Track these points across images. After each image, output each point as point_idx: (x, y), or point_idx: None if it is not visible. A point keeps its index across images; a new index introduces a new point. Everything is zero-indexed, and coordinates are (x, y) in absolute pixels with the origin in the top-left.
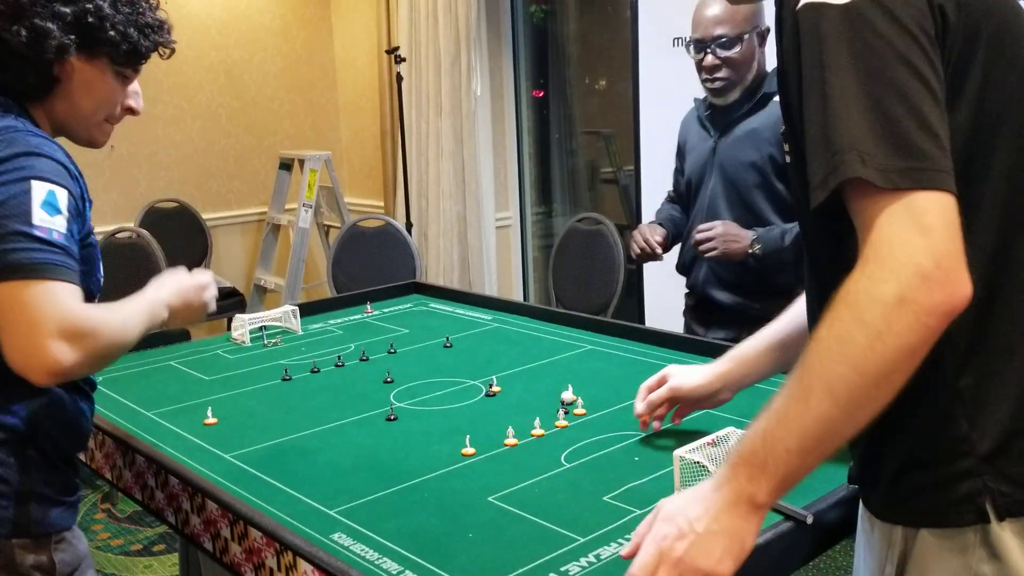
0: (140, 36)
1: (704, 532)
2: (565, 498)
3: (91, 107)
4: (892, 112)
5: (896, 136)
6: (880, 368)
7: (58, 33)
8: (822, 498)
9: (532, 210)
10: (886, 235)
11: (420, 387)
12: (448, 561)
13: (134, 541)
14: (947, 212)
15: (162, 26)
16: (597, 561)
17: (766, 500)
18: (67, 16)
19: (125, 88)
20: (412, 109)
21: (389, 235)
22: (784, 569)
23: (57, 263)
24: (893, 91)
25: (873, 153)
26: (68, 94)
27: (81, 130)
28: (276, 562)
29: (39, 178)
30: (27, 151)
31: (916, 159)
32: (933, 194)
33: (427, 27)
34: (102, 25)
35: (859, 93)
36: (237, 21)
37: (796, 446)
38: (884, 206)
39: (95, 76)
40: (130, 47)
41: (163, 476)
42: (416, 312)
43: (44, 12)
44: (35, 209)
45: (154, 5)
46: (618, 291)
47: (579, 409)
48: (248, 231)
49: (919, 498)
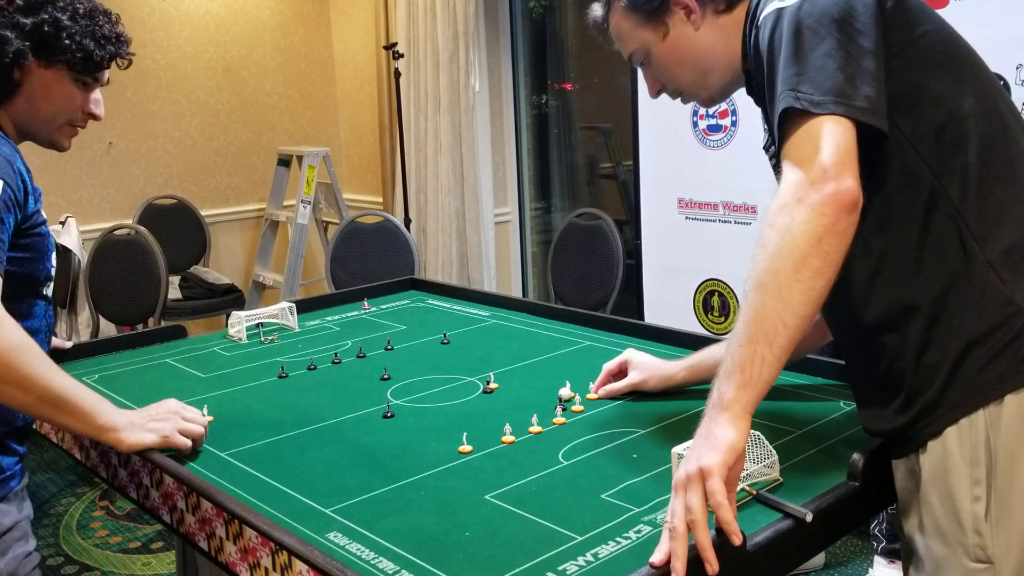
0: (96, 47)
1: (691, 450)
2: (563, 496)
3: (50, 111)
4: (821, 68)
5: (818, 80)
6: (794, 255)
7: (15, 40)
8: (821, 496)
9: (531, 205)
10: (790, 155)
11: (417, 384)
12: (445, 560)
13: (132, 538)
14: (839, 133)
15: (119, 38)
16: (595, 560)
17: (732, 395)
18: (26, 26)
19: (87, 95)
20: (410, 105)
21: (387, 231)
22: (784, 567)
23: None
24: (823, 54)
25: (803, 92)
26: (29, 98)
27: (43, 132)
28: (271, 562)
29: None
30: None
31: (824, 94)
32: (830, 118)
33: (425, 23)
34: (58, 34)
35: (799, 56)
36: (235, 17)
37: (743, 338)
38: (793, 130)
39: (53, 82)
40: (86, 56)
41: (158, 475)
42: (414, 308)
43: (4, 21)
44: None
45: (114, 20)
46: (617, 287)
47: (577, 406)
48: (246, 227)
49: (991, 367)
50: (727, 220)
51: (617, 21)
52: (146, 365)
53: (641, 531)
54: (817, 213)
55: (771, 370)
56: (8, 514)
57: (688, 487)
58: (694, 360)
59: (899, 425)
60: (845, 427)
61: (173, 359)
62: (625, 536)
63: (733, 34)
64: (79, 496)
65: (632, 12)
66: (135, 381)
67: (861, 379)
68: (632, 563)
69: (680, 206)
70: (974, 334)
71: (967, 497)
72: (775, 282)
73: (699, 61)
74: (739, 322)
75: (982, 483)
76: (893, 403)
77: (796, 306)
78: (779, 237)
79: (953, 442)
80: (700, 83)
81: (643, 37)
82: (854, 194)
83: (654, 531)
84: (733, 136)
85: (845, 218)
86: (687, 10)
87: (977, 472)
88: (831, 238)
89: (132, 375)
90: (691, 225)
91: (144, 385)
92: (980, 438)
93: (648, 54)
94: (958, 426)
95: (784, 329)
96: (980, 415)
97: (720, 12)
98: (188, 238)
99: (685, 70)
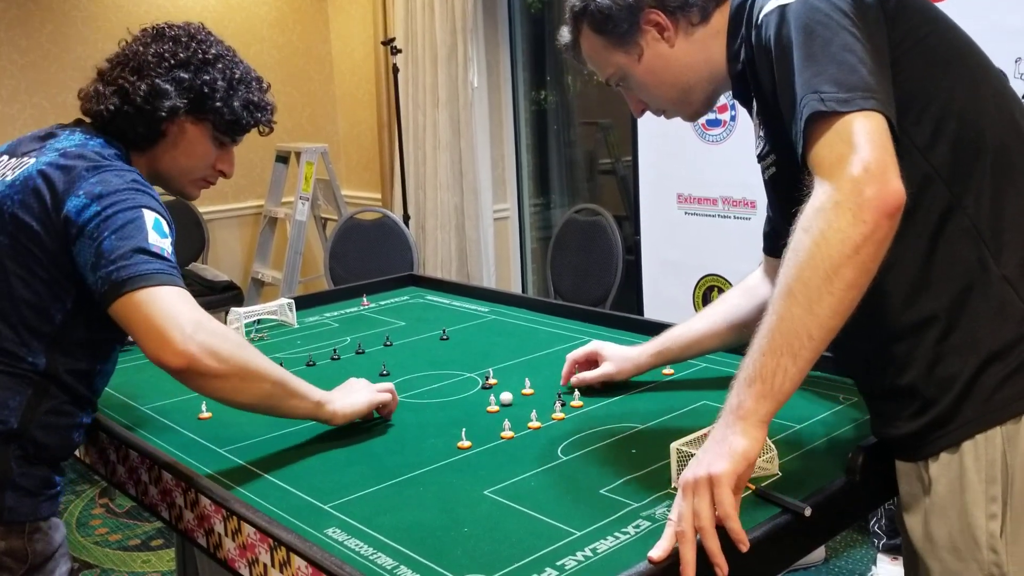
0: (244, 112)
1: (703, 452)
2: (561, 491)
3: (188, 165)
4: (837, 64)
5: (840, 78)
6: (827, 262)
7: (174, 95)
8: (820, 491)
9: (530, 201)
10: (823, 156)
11: (416, 380)
12: (443, 556)
13: (132, 536)
14: (873, 128)
15: (267, 107)
16: (594, 555)
17: (751, 406)
18: (184, 82)
19: (222, 153)
20: (409, 101)
21: (386, 227)
22: (783, 561)
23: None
24: (840, 48)
25: (828, 94)
26: (169, 150)
27: (175, 183)
28: (270, 558)
29: (148, 207)
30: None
31: (850, 91)
32: (860, 114)
33: (423, 18)
34: (213, 95)
35: (815, 55)
36: (233, 13)
37: (767, 347)
38: (821, 132)
39: (196, 138)
40: (234, 119)
41: (157, 472)
42: (413, 304)
43: (165, 74)
44: (149, 231)
45: (264, 87)
46: (616, 282)
47: (576, 401)
48: (245, 224)
49: (1010, 384)
50: (726, 215)
51: (589, 45)
52: (144, 362)
53: (640, 526)
54: (857, 219)
55: (793, 383)
56: (59, 529)
57: (696, 491)
58: (660, 346)
59: (908, 432)
60: (844, 422)
61: None
62: (624, 531)
63: (714, 44)
64: (78, 494)
65: (602, 36)
66: (134, 378)
67: (871, 385)
68: (631, 558)
69: (679, 201)
70: (992, 349)
71: (983, 514)
72: (804, 292)
73: (679, 78)
74: (764, 327)
75: (998, 500)
76: (904, 411)
77: (825, 319)
78: (812, 244)
79: (969, 458)
80: (683, 99)
81: (617, 60)
82: (899, 196)
83: (653, 526)
84: (732, 131)
85: (887, 224)
86: (659, 28)
87: (993, 489)
88: (869, 247)
89: (131, 372)
90: (690, 220)
91: (144, 382)
92: (997, 455)
93: (625, 77)
94: (974, 441)
95: (810, 342)
96: (997, 432)
97: (695, 24)
98: (186, 235)
99: (665, 89)
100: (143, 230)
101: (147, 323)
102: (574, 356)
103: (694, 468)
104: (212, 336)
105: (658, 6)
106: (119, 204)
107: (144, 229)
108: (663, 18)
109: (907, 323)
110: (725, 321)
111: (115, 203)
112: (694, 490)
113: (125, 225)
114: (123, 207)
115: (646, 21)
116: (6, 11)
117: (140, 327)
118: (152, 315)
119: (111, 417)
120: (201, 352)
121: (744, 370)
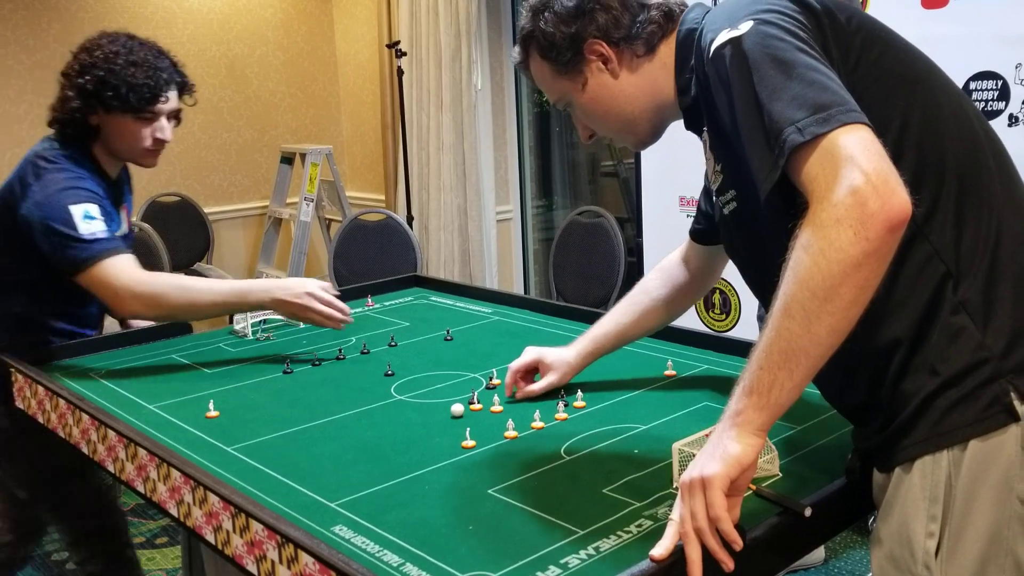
0: (132, 94)
1: (700, 454)
2: (565, 490)
3: (126, 144)
4: (806, 85)
5: (813, 99)
6: (826, 282)
7: (76, 99)
8: (820, 490)
9: (532, 203)
10: (815, 176)
11: (421, 380)
12: (448, 553)
13: (137, 534)
14: (861, 139)
15: (159, 80)
16: (596, 553)
17: (747, 416)
18: (82, 87)
19: (152, 125)
20: (413, 103)
21: (390, 229)
22: (782, 561)
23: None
24: (805, 69)
25: (804, 121)
26: (109, 137)
27: (128, 158)
28: (278, 554)
29: (75, 203)
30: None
31: (826, 110)
32: (844, 129)
33: (428, 21)
34: (105, 89)
35: (780, 85)
36: (239, 15)
37: (764, 361)
38: (808, 157)
39: (118, 124)
40: (133, 100)
41: (165, 469)
42: (417, 305)
43: (70, 84)
44: (79, 223)
45: (161, 64)
46: (619, 284)
47: (579, 402)
48: (249, 225)
49: (959, 410)
50: None
51: (536, 69)
52: (152, 361)
53: (642, 525)
54: (859, 237)
55: (790, 397)
56: None
57: (691, 493)
58: (592, 344)
59: (876, 443)
60: (844, 423)
61: (178, 355)
62: (626, 530)
63: (661, 75)
64: None
65: (547, 62)
66: (141, 377)
67: (844, 402)
68: (633, 557)
69: (681, 204)
70: (946, 374)
71: (922, 531)
72: (802, 313)
73: (623, 109)
74: (763, 341)
75: (938, 520)
76: (873, 423)
77: (822, 337)
78: (812, 263)
79: (917, 475)
80: (628, 129)
81: (563, 87)
82: (904, 208)
83: (655, 525)
84: None
85: (890, 238)
86: (603, 59)
87: (935, 509)
88: (871, 265)
89: (138, 371)
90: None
91: (149, 381)
92: (942, 477)
93: (571, 104)
94: (922, 461)
95: (807, 359)
96: (944, 455)
97: (640, 56)
98: (191, 235)
99: (610, 119)
100: (74, 226)
101: (102, 291)
102: (516, 367)
103: (690, 470)
104: (148, 287)
105: (602, 37)
106: (53, 207)
107: (74, 224)
108: (607, 49)
109: (875, 347)
110: (646, 310)
111: (50, 208)
112: (690, 491)
113: (60, 225)
114: (56, 211)
115: (590, 51)
116: (13, 12)
117: (98, 294)
118: (104, 284)
119: (119, 415)
120: (140, 305)
121: (744, 377)
